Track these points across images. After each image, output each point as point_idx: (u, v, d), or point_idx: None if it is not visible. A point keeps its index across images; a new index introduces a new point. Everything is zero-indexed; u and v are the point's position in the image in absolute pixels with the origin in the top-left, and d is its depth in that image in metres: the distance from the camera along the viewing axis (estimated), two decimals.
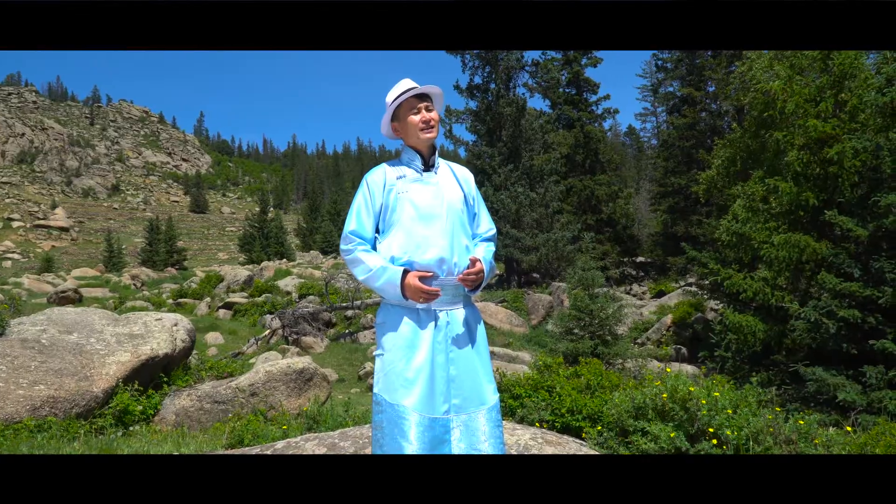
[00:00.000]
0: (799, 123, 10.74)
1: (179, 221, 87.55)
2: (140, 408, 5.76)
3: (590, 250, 26.17)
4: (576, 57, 32.01)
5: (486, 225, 3.34)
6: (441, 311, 3.05)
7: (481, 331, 3.17)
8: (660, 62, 34.00)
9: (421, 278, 2.94)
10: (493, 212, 25.58)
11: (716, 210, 23.67)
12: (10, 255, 68.20)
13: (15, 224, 78.75)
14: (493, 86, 27.64)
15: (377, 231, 3.15)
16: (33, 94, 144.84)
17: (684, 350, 17.19)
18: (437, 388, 2.95)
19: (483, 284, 3.16)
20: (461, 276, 2.99)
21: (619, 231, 31.62)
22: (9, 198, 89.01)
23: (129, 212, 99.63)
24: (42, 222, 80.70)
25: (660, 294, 25.50)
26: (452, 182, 3.24)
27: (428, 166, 3.20)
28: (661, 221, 31.54)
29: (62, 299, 27.67)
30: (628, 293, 28.12)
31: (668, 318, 19.49)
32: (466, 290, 3.08)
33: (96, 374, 5.58)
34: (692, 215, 28.82)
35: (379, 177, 3.16)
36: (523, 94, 27.93)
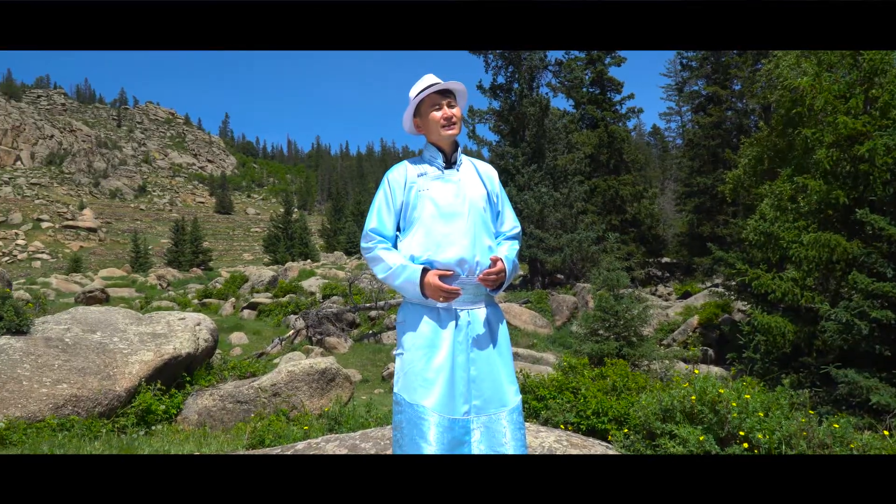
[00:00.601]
0: (828, 120, 10.52)
1: (205, 222, 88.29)
2: (163, 407, 5.75)
3: (614, 251, 25.96)
4: (599, 56, 31.80)
5: (511, 223, 3.27)
6: (462, 310, 2.99)
7: (503, 331, 3.11)
8: (684, 60, 33.68)
9: (441, 277, 2.88)
10: (517, 212, 25.44)
11: (742, 210, 23.35)
12: (39, 256, 69.16)
13: (44, 225, 79.80)
14: (516, 85, 27.52)
15: (398, 229, 3.11)
16: (62, 96, 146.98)
17: (711, 352, 16.96)
18: (457, 389, 2.89)
19: (505, 284, 3.09)
20: (481, 275, 2.92)
21: (643, 231, 31.36)
22: (38, 199, 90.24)
23: (156, 212, 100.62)
24: (70, 223, 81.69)
25: (686, 295, 25.23)
26: (475, 179, 3.18)
27: (450, 163, 3.14)
28: (687, 221, 31.22)
29: (89, 299, 27.93)
30: (654, 294, 27.87)
31: (695, 320, 19.25)
32: (488, 290, 3.02)
33: (119, 373, 5.58)
34: (718, 215, 28.51)
35: (400, 174, 3.11)
36: (547, 93, 27.79)
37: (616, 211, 31.10)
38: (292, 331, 20.96)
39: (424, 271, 2.89)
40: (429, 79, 3.13)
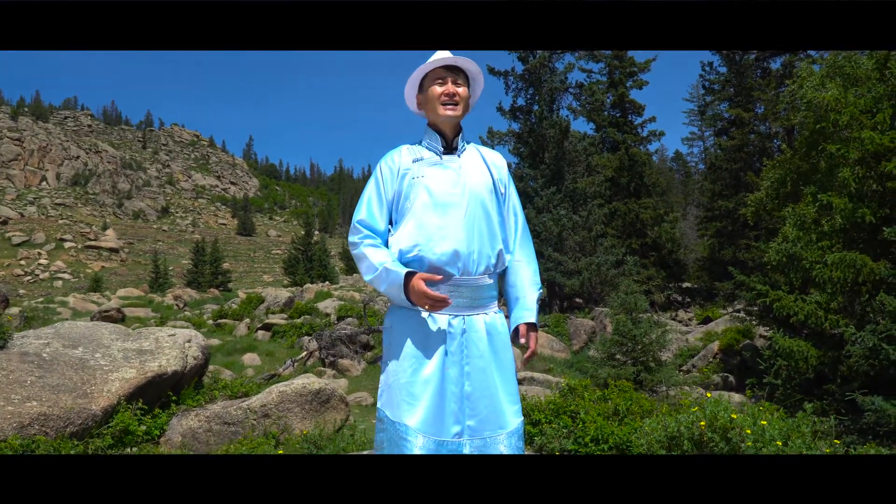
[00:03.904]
0: (854, 136, 10.12)
1: (226, 244, 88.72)
2: (143, 428, 5.43)
3: (633, 274, 25.51)
4: (621, 79, 31.56)
5: (519, 230, 2.89)
6: (456, 316, 2.60)
7: (505, 342, 2.70)
8: (706, 83, 33.33)
9: (429, 283, 2.50)
10: (535, 234, 25.12)
11: (765, 234, 22.88)
12: (61, 276, 69.64)
13: (67, 245, 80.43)
14: (536, 108, 27.31)
15: (391, 222, 2.74)
16: (89, 118, 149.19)
17: (732, 378, 16.51)
18: (447, 407, 2.51)
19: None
20: (522, 342, 2.67)
21: (664, 255, 30.87)
22: (62, 219, 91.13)
23: (178, 234, 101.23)
24: (93, 243, 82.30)
25: (706, 320, 24.71)
26: (479, 166, 2.80)
27: (450, 148, 2.77)
28: (708, 246, 30.72)
29: (105, 318, 27.82)
30: (674, 319, 27.38)
31: (715, 345, 18.77)
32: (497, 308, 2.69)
33: (97, 390, 5.28)
34: (740, 240, 28.02)
35: (394, 160, 2.75)
36: (567, 116, 27.50)
37: (636, 234, 30.66)
38: (305, 352, 20.68)
39: (409, 275, 2.51)
40: (440, 53, 2.78)
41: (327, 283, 48.27)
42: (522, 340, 2.73)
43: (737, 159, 29.16)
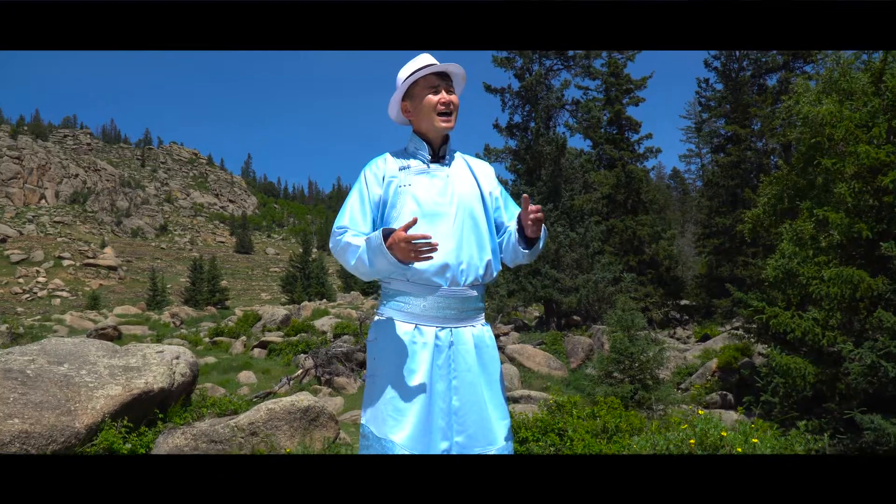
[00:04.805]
0: (850, 150, 10.07)
1: (225, 262, 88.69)
2: (128, 446, 5.34)
3: (631, 291, 25.44)
4: (617, 96, 31.63)
5: (511, 206, 2.84)
6: (443, 328, 2.53)
7: (494, 355, 2.62)
8: (703, 100, 33.41)
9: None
10: None
11: (762, 251, 22.82)
12: (59, 293, 69.54)
13: (65, 263, 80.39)
14: (532, 125, 27.34)
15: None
16: (88, 136, 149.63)
17: (731, 397, 16.42)
18: (434, 423, 2.43)
19: (540, 247, 2.66)
20: (533, 206, 2.47)
21: (662, 273, 30.80)
22: (61, 237, 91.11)
23: (176, 251, 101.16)
24: (91, 261, 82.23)
25: (705, 338, 24.61)
26: (466, 176, 2.73)
27: (437, 157, 2.69)
28: (706, 263, 30.65)
29: (101, 336, 27.73)
30: (672, 336, 27.28)
31: (714, 363, 18.68)
32: (528, 234, 2.56)
33: (81, 408, 5.19)
34: (738, 256, 27.96)
35: (378, 167, 2.65)
36: (563, 133, 27.49)
37: (634, 251, 30.61)
38: (301, 370, 20.58)
39: (387, 235, 2.37)
40: (425, 58, 2.69)
41: (324, 300, 48.24)
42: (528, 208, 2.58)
43: (734, 176, 29.16)
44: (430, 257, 2.36)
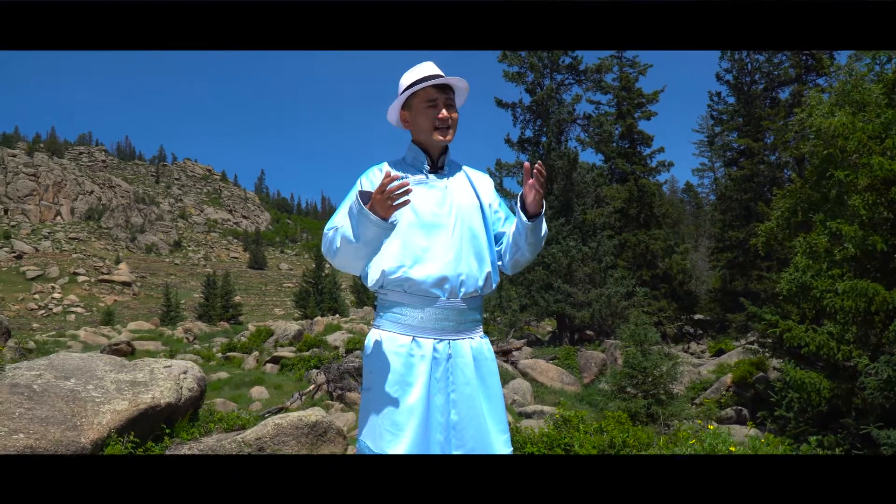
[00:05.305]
0: (863, 162, 9.96)
1: (238, 277, 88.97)
2: None
3: (644, 306, 25.28)
4: (629, 110, 31.61)
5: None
6: (441, 340, 2.48)
7: (493, 368, 2.57)
8: (715, 114, 33.32)
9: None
10: (545, 266, 25.02)
11: (776, 265, 22.63)
12: (74, 309, 69.94)
13: (80, 279, 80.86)
14: (544, 139, 27.33)
15: None
16: (103, 153, 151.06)
17: (745, 411, 16.25)
18: (432, 437, 2.39)
19: (544, 229, 2.62)
20: (538, 165, 2.44)
21: (675, 287, 30.62)
22: (76, 253, 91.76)
23: (190, 267, 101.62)
24: (106, 277, 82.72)
25: (719, 352, 24.39)
26: (465, 187, 2.69)
27: (436, 167, 2.66)
28: (720, 277, 30.44)
29: (114, 351, 27.77)
30: (687, 351, 27.08)
31: (728, 378, 18.48)
32: (528, 203, 2.52)
33: (87, 423, 5.17)
34: (752, 270, 27.76)
35: (375, 175, 2.60)
36: (575, 147, 27.45)
37: (647, 266, 30.47)
38: (313, 385, 20.53)
39: (365, 196, 2.30)
40: (427, 67, 2.64)
41: (337, 315, 48.19)
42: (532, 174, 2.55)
43: (747, 189, 29.00)
44: (408, 201, 2.28)
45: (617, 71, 31.61)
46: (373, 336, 2.58)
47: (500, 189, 27.79)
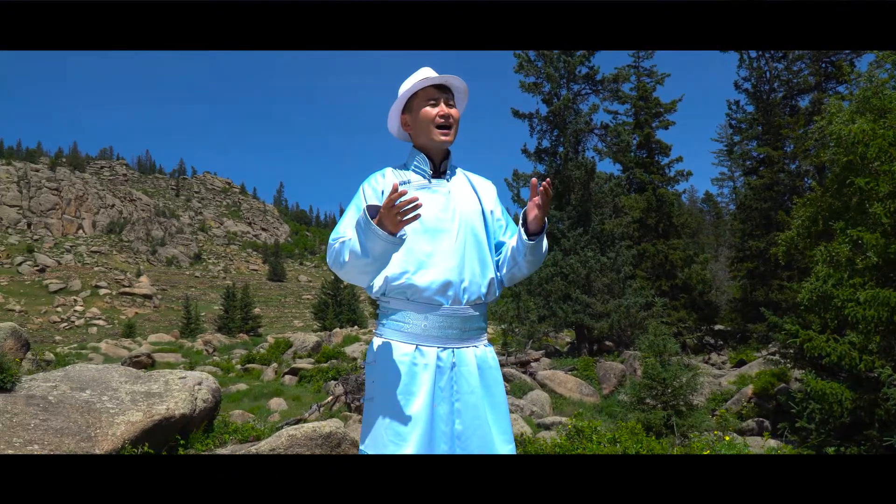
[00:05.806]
0: (884, 169, 9.83)
1: (258, 290, 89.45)
2: None
3: (663, 316, 25.08)
4: (647, 120, 31.50)
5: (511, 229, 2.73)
6: (445, 349, 2.44)
7: (497, 377, 2.54)
8: (734, 122, 33.11)
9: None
10: (563, 277, 24.90)
11: (797, 274, 22.39)
12: (95, 322, 70.63)
13: (102, 292, 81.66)
14: (561, 149, 27.24)
15: None
16: (124, 167, 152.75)
17: (767, 423, 16.04)
18: (436, 447, 2.35)
19: (544, 247, 2.58)
20: (545, 183, 2.40)
21: (695, 297, 30.37)
22: (97, 266, 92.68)
23: (210, 280, 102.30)
24: (127, 290, 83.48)
25: (740, 363, 24.13)
26: (468, 192, 2.66)
27: (438, 172, 2.63)
28: (740, 287, 30.14)
29: (135, 364, 27.98)
30: (707, 362, 26.82)
31: (749, 389, 18.26)
32: (525, 239, 2.49)
33: (101, 434, 5.18)
34: (773, 280, 27.47)
35: (378, 181, 2.59)
36: (592, 157, 27.33)
37: (666, 276, 30.25)
38: (331, 397, 20.54)
39: (370, 212, 2.27)
40: (426, 71, 2.64)
41: (356, 327, 48.28)
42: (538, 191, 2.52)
43: (767, 198, 28.74)
44: (418, 216, 2.25)
45: (634, 80, 31.53)
46: (375, 344, 2.55)
47: (518, 199, 27.75)
